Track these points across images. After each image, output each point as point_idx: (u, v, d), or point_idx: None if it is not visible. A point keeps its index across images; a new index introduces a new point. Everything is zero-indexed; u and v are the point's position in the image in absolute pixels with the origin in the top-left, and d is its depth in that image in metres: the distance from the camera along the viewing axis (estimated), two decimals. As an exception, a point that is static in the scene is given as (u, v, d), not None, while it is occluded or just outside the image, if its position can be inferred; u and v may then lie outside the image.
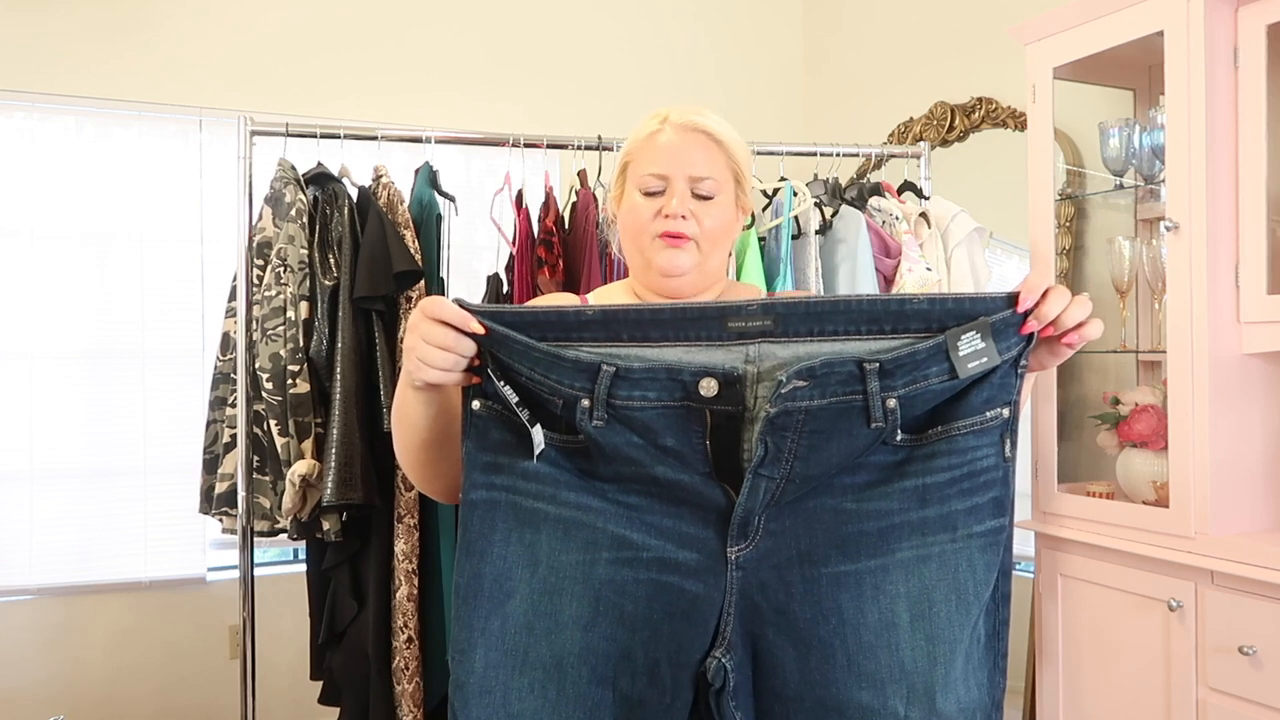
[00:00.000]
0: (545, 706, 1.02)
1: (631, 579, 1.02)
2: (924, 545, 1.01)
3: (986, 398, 0.99)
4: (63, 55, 3.04)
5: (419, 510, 2.22)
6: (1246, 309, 1.94)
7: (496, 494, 1.03)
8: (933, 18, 3.30)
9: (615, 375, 0.97)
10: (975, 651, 1.05)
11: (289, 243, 2.15)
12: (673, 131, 1.28)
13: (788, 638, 1.01)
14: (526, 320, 1.00)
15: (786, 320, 0.97)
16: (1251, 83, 1.92)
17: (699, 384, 0.97)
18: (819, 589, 1.01)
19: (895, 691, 1.00)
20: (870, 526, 1.01)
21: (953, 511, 1.01)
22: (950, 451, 1.00)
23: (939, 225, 2.52)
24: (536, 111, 3.48)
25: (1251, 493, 1.98)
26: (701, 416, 0.98)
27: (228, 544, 2.82)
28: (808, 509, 1.01)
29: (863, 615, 1.01)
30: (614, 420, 0.99)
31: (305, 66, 3.28)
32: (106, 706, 3.12)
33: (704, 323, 0.98)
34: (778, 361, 0.98)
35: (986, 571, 1.03)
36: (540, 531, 1.03)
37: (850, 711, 1.01)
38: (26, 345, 3.02)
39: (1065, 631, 2.24)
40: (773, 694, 1.03)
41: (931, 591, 1.01)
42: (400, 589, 2.19)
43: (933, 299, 0.96)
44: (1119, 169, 2.29)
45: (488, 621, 1.02)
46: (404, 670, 2.20)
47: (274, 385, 2.12)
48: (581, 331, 0.99)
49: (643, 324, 0.99)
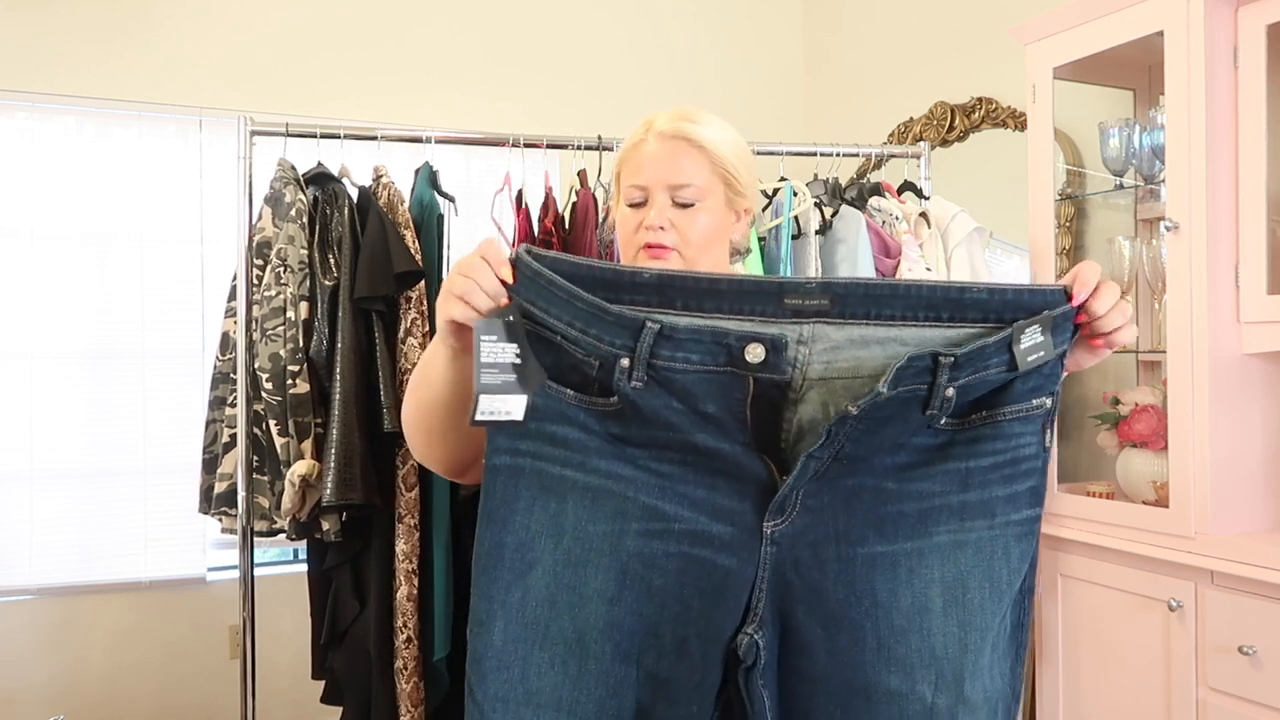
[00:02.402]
0: (565, 683, 0.99)
1: (661, 552, 0.99)
2: (961, 530, 1.01)
3: (1033, 386, 0.99)
4: (63, 55, 3.04)
5: (419, 510, 2.22)
6: (1246, 309, 1.94)
7: (521, 460, 1.00)
8: (933, 18, 3.30)
9: (659, 334, 0.95)
10: (1001, 641, 1.04)
11: (289, 243, 2.15)
12: (655, 140, 1.28)
13: (818, 617, 1.00)
14: (581, 272, 0.97)
15: (844, 301, 0.96)
16: (1251, 83, 1.92)
17: (745, 349, 0.95)
18: (854, 569, 0.99)
19: (924, 677, 0.99)
20: (910, 508, 1.00)
21: (993, 498, 1.01)
22: (995, 437, 1.00)
23: (939, 225, 2.52)
24: (536, 111, 3.48)
25: (1251, 493, 1.98)
26: (744, 384, 0.96)
27: (228, 544, 2.82)
28: (847, 487, 0.99)
29: (896, 598, 0.99)
30: (654, 382, 0.96)
31: (305, 66, 3.28)
32: (106, 706, 3.12)
33: (760, 297, 0.96)
34: (830, 343, 0.96)
35: (1020, 561, 1.03)
36: (566, 500, 1.00)
37: (877, 695, 1.00)
38: (26, 345, 3.02)
39: (1065, 631, 2.24)
40: (798, 673, 1.01)
41: (967, 578, 1.00)
42: (400, 589, 2.19)
43: (992, 289, 0.96)
44: (1119, 169, 2.29)
45: (508, 593, 1.00)
46: (403, 670, 2.20)
47: (274, 385, 2.12)
48: (634, 294, 0.97)
49: (699, 293, 0.96)
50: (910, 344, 0.96)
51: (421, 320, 2.22)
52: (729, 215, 1.32)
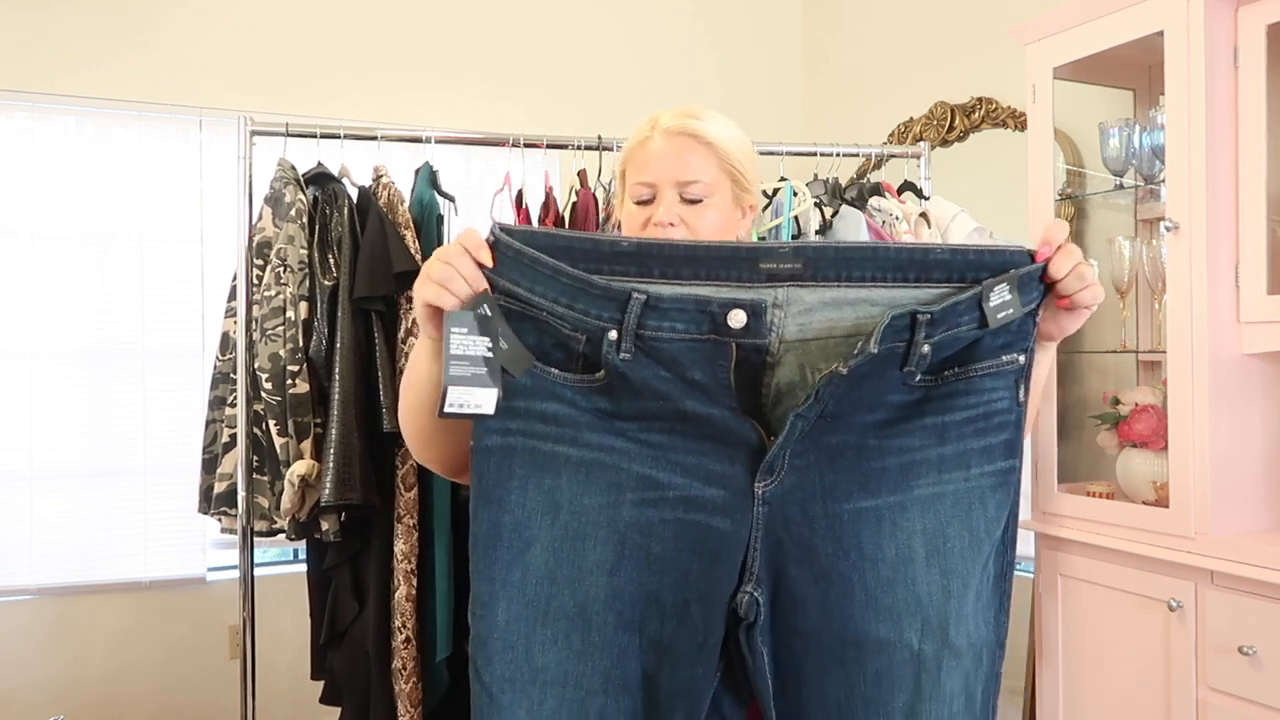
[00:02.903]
0: (570, 657, 1.01)
1: (657, 519, 1.01)
2: (939, 482, 1.03)
3: (1004, 343, 1.02)
4: (63, 55, 3.04)
5: (418, 511, 2.22)
6: (1246, 309, 1.94)
7: (512, 439, 1.01)
8: (933, 18, 3.30)
9: (645, 305, 0.97)
10: (984, 590, 1.07)
11: (289, 243, 2.15)
12: (661, 138, 1.29)
13: (809, 573, 1.02)
14: (559, 244, 0.99)
15: (816, 264, 0.98)
16: (1251, 83, 1.92)
17: (728, 315, 0.97)
18: (840, 524, 1.02)
19: (910, 625, 1.02)
20: (892, 462, 1.02)
21: (968, 450, 1.04)
22: (968, 391, 1.02)
23: (939, 225, 2.52)
24: (536, 111, 3.48)
25: (1251, 493, 1.98)
26: (727, 350, 0.98)
27: (228, 544, 2.82)
28: (831, 445, 1.01)
29: (881, 550, 1.02)
30: (641, 353, 0.98)
31: (305, 66, 3.28)
32: (106, 706, 3.12)
33: (736, 263, 0.98)
34: (804, 306, 0.99)
35: (997, 510, 1.06)
36: (560, 476, 1.01)
37: (867, 645, 1.02)
38: (26, 345, 3.02)
39: (1065, 631, 2.24)
40: (792, 630, 1.03)
41: (946, 527, 1.03)
42: (399, 589, 2.19)
43: (954, 250, 0.99)
44: (1119, 169, 2.29)
45: (508, 573, 1.01)
46: (401, 670, 2.20)
47: (273, 385, 2.12)
48: (613, 263, 0.98)
49: (675, 260, 0.98)
50: (880, 304, 0.99)
51: (421, 320, 2.22)
52: (735, 211, 1.33)
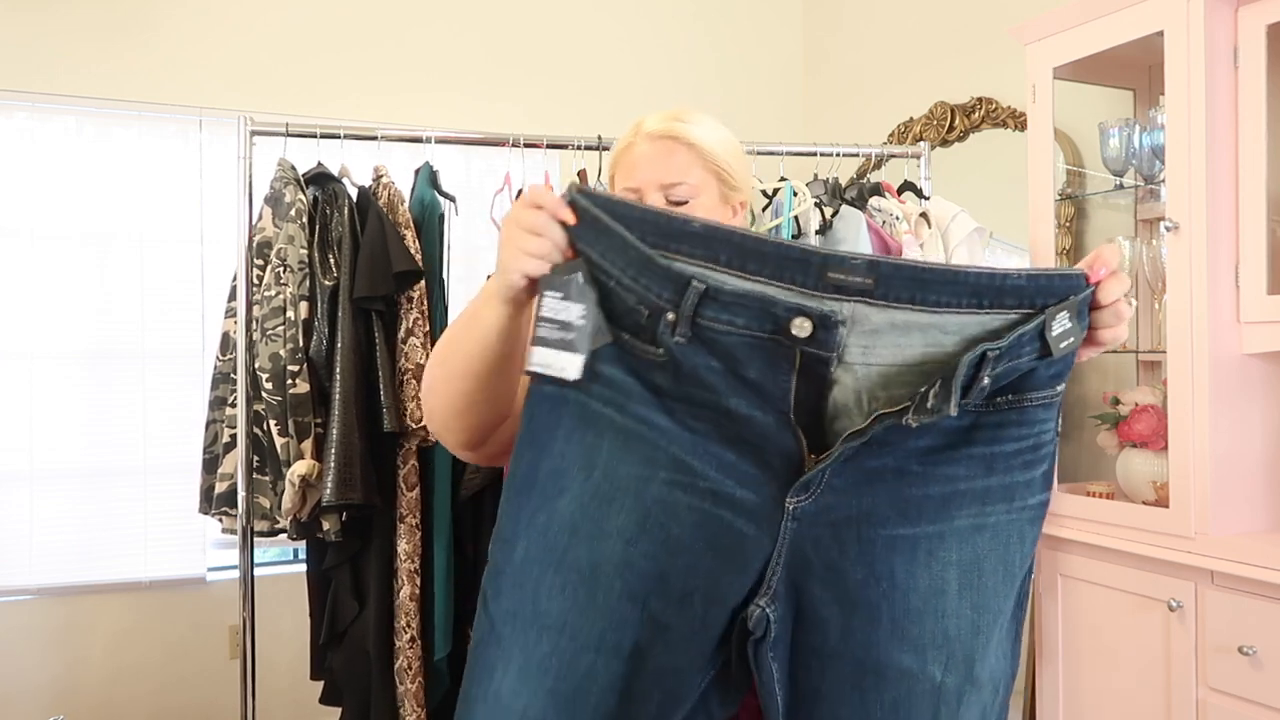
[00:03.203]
0: (573, 609, 1.01)
1: (684, 504, 1.00)
2: (981, 515, 1.00)
3: (1056, 372, 0.98)
4: (63, 55, 3.04)
5: (419, 510, 2.22)
6: (1246, 309, 1.94)
7: (567, 390, 1.01)
8: (933, 18, 3.30)
9: (704, 294, 0.94)
10: (1004, 621, 1.05)
11: (289, 243, 2.15)
12: (644, 142, 1.30)
13: (834, 595, 0.99)
14: (634, 215, 0.97)
15: (889, 282, 0.92)
16: (1251, 83, 1.92)
17: (791, 322, 0.93)
18: (874, 550, 0.99)
19: (935, 657, 1.00)
20: (935, 491, 0.99)
21: (1014, 483, 1.00)
22: (1020, 422, 0.98)
23: (939, 225, 2.52)
24: (536, 111, 3.48)
25: (1251, 493, 1.98)
26: (791, 355, 0.94)
27: (228, 544, 2.82)
28: (872, 468, 0.98)
29: (914, 580, 0.99)
30: (697, 340, 0.95)
31: (305, 66, 3.28)
32: (106, 707, 3.12)
33: (803, 266, 0.93)
34: (870, 326, 0.93)
35: (1032, 545, 1.03)
36: (603, 437, 1.01)
37: (889, 674, 1.00)
38: (26, 345, 3.02)
39: (1065, 631, 2.24)
40: (811, 649, 1.01)
41: (982, 561, 1.00)
42: (403, 589, 2.19)
43: (1030, 275, 0.93)
44: (1119, 169, 2.29)
45: (534, 515, 1.01)
46: (407, 670, 2.20)
47: (274, 385, 2.12)
48: (680, 241, 0.95)
49: (743, 251, 0.94)
50: (951, 331, 0.93)
51: (422, 320, 2.22)
52: (725, 210, 1.32)
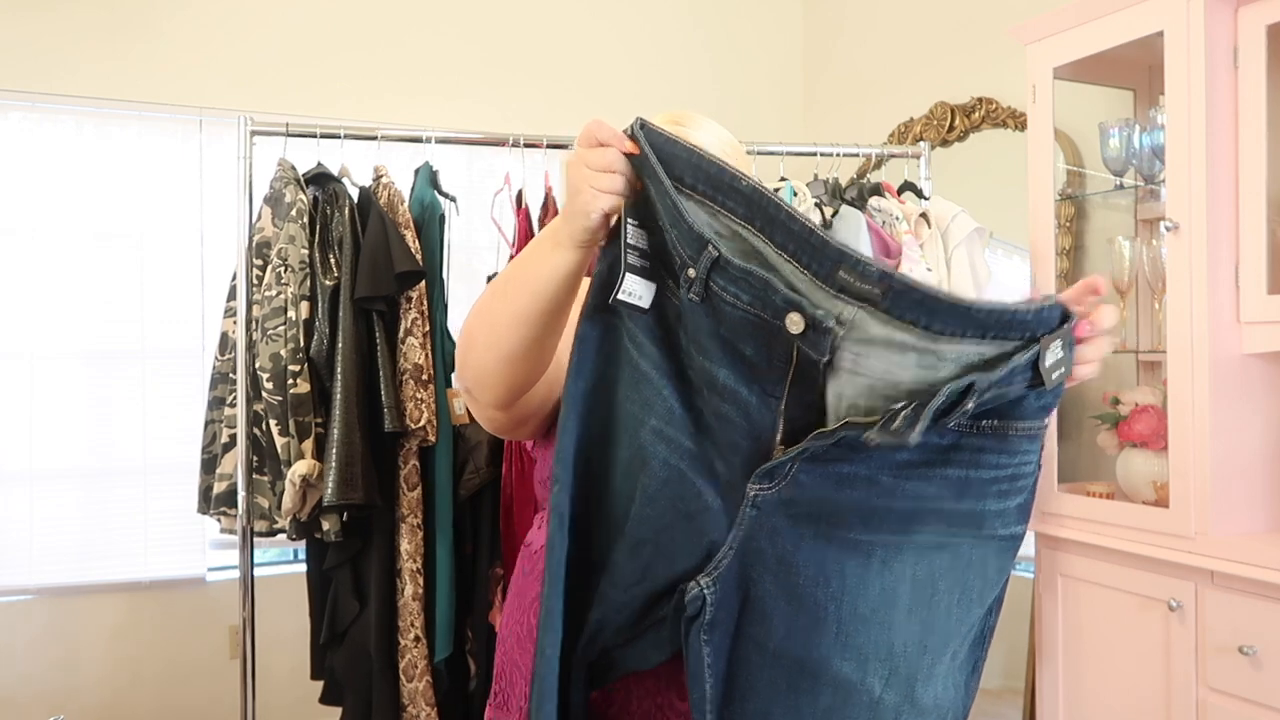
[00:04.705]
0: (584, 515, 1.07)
1: (661, 458, 1.01)
2: (945, 535, 0.97)
3: (1044, 404, 0.94)
4: (63, 55, 3.04)
5: (421, 510, 2.22)
6: (1246, 309, 1.94)
7: (612, 317, 1.04)
8: (933, 18, 3.31)
9: (715, 261, 0.94)
10: (961, 651, 1.02)
11: (289, 243, 2.15)
12: None
13: (783, 590, 0.98)
14: (689, 160, 0.96)
15: (896, 299, 0.90)
16: (1251, 83, 1.92)
17: (787, 315, 0.92)
18: (828, 550, 0.96)
19: (877, 670, 0.97)
20: (900, 505, 0.96)
21: (985, 510, 0.97)
22: (1001, 450, 0.95)
23: (939, 225, 2.53)
24: (536, 112, 3.48)
25: (1251, 493, 1.98)
26: (790, 344, 0.94)
27: (228, 544, 2.82)
28: (843, 474, 0.95)
29: (865, 586, 0.96)
30: (708, 303, 0.96)
31: (306, 67, 3.28)
32: (106, 707, 3.11)
33: (818, 256, 0.92)
34: (866, 335, 0.91)
35: (997, 575, 1.00)
36: (621, 369, 1.04)
37: (825, 678, 0.98)
38: (26, 345, 3.02)
39: (1065, 631, 2.24)
40: (754, 642, 1.00)
41: (938, 580, 0.97)
42: (407, 588, 2.19)
43: (1038, 309, 0.90)
44: (1119, 169, 2.29)
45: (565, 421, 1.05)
46: (414, 668, 2.20)
47: (274, 385, 2.12)
48: (726, 197, 0.95)
49: (776, 223, 0.94)
50: (947, 359, 0.90)
51: (422, 320, 2.22)
52: None
